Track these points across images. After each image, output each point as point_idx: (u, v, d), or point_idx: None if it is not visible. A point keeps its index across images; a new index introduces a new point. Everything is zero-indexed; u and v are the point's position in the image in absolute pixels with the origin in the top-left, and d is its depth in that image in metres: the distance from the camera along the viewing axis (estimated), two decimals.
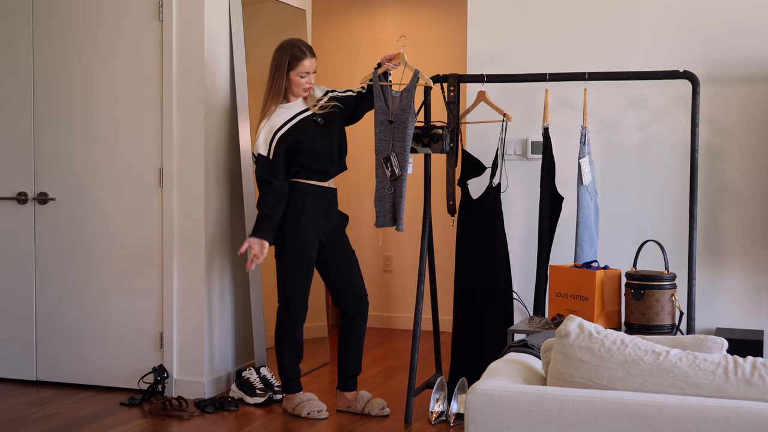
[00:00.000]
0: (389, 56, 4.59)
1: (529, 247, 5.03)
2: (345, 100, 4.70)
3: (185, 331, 5.00)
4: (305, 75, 4.56)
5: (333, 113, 4.65)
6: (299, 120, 4.57)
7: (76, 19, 5.10)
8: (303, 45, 4.60)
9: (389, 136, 4.53)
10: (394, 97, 4.53)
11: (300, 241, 4.55)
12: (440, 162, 5.88)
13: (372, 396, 4.74)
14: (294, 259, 4.57)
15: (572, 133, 4.84)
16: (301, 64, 4.54)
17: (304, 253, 4.57)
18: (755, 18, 4.78)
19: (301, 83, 4.57)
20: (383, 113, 4.55)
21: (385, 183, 4.57)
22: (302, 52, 4.55)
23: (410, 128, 4.49)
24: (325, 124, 4.61)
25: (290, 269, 4.59)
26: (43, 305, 5.23)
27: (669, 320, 4.26)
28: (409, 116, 4.49)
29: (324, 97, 4.68)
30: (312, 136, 4.55)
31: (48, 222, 5.21)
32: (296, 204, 4.56)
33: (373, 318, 7.06)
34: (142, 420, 4.60)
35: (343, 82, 5.79)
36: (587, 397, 2.44)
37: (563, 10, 5.08)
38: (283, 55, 4.56)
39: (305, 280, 4.61)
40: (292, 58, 4.54)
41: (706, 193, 4.86)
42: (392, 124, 4.53)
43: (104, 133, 5.08)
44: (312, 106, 4.61)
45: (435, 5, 6.86)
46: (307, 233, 4.55)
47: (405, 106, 4.50)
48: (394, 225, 4.57)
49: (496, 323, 4.76)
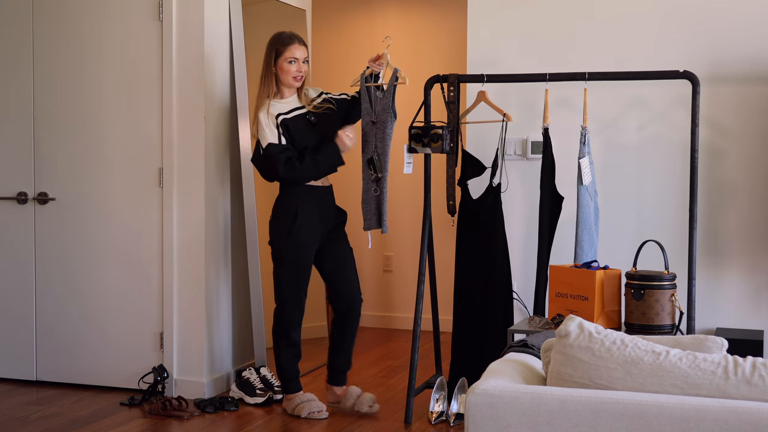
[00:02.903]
0: (373, 57, 4.60)
1: (529, 247, 5.03)
2: (339, 102, 4.70)
3: (185, 331, 5.00)
4: (294, 61, 4.56)
5: (327, 115, 4.65)
6: (294, 116, 4.57)
7: (76, 19, 5.09)
8: (290, 33, 4.64)
9: (372, 137, 4.55)
10: (378, 98, 4.55)
11: (295, 242, 4.55)
12: (440, 162, 5.88)
13: (362, 392, 4.76)
14: (290, 260, 4.57)
15: (572, 133, 4.84)
16: (288, 48, 4.56)
17: (300, 254, 4.57)
18: (755, 18, 4.78)
19: (290, 70, 4.56)
20: (368, 114, 4.57)
21: (370, 185, 4.59)
22: (289, 38, 4.59)
23: (389, 128, 4.51)
24: (318, 123, 4.61)
25: (286, 270, 4.59)
26: (43, 305, 5.23)
27: (669, 320, 4.25)
28: (388, 116, 4.50)
29: (318, 97, 4.69)
30: (305, 135, 4.56)
31: (48, 222, 5.21)
32: (290, 205, 4.55)
33: (373, 318, 7.06)
34: (142, 420, 4.60)
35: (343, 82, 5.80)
36: (587, 397, 2.44)
37: (563, 10, 5.08)
38: (271, 46, 4.61)
39: (301, 281, 4.62)
40: (279, 44, 4.58)
41: (706, 193, 4.86)
42: (375, 124, 4.54)
43: (104, 133, 5.08)
44: (307, 105, 4.62)
45: (435, 5, 6.86)
46: (301, 234, 4.55)
47: (384, 105, 4.52)
48: (379, 227, 4.59)
49: (496, 323, 4.76)
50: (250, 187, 5.13)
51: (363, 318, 7.00)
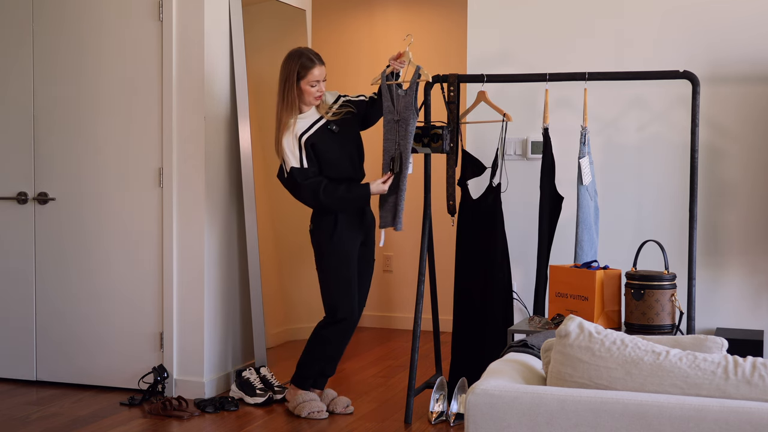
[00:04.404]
0: (394, 55, 4.59)
1: (529, 247, 5.02)
2: (357, 104, 4.69)
3: (185, 331, 5.00)
4: (315, 84, 4.52)
5: (347, 119, 4.63)
6: (315, 130, 4.54)
7: (76, 19, 5.09)
8: (311, 53, 4.55)
9: (395, 135, 4.53)
10: (400, 96, 4.54)
11: (338, 250, 4.54)
12: (440, 162, 5.88)
13: (338, 394, 4.78)
14: (335, 268, 4.56)
15: (572, 133, 4.84)
16: (311, 72, 4.50)
17: (344, 260, 4.56)
18: (755, 18, 4.78)
19: (312, 92, 4.53)
20: (390, 112, 4.55)
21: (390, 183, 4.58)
22: (311, 61, 4.51)
23: (412, 125, 4.50)
24: (341, 131, 4.59)
25: (332, 278, 4.57)
26: (43, 305, 5.23)
27: (669, 320, 4.25)
28: (411, 113, 4.49)
29: (336, 102, 4.66)
30: (329, 146, 4.54)
31: (48, 222, 5.21)
32: (328, 213, 4.55)
33: (373, 318, 7.07)
34: (142, 420, 4.60)
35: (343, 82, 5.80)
36: (587, 397, 2.44)
37: (563, 10, 5.08)
38: (292, 65, 4.51)
39: (349, 287, 4.58)
40: (301, 67, 4.49)
41: (706, 193, 4.86)
42: (398, 122, 4.53)
43: (104, 133, 5.08)
44: (325, 114, 4.59)
45: (435, 5, 6.86)
46: (343, 240, 4.54)
47: (407, 103, 4.50)
48: (393, 225, 4.58)
49: (496, 323, 4.76)
50: (250, 186, 5.12)
51: (363, 318, 7.02)
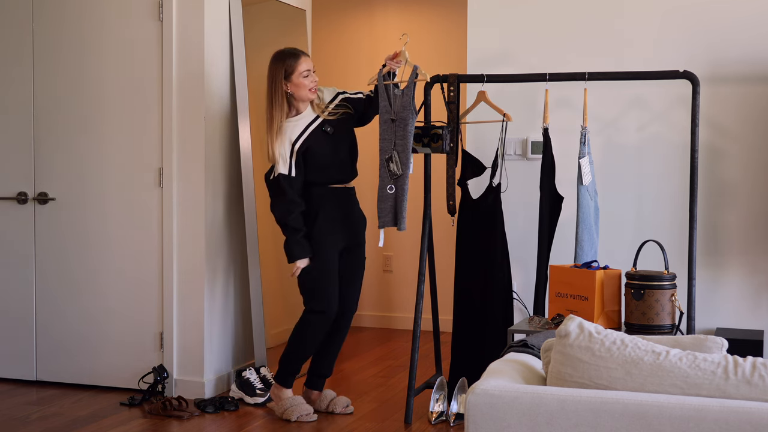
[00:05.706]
0: (391, 55, 4.59)
1: (529, 247, 5.02)
2: (356, 102, 4.69)
3: (185, 331, 5.00)
4: (307, 73, 4.54)
5: (343, 120, 4.64)
6: (310, 132, 4.54)
7: (76, 19, 5.09)
8: (291, 49, 4.60)
9: (392, 135, 4.53)
10: (397, 95, 4.53)
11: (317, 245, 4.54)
12: (440, 162, 5.88)
13: (336, 394, 4.77)
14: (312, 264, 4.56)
15: (572, 133, 4.84)
16: (298, 65, 4.52)
17: (323, 259, 4.56)
18: (755, 18, 4.78)
19: (306, 84, 4.53)
20: (387, 112, 4.55)
21: (386, 183, 4.57)
22: (294, 56, 4.54)
23: (411, 125, 4.49)
24: (335, 132, 4.59)
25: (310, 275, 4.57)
26: (43, 305, 5.23)
27: (669, 320, 4.25)
28: (409, 113, 4.48)
29: (333, 101, 4.66)
30: (323, 148, 4.54)
31: (48, 222, 5.21)
32: (310, 207, 4.55)
33: (373, 318, 7.07)
34: (142, 420, 4.60)
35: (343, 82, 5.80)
36: (587, 397, 2.44)
37: (563, 10, 5.08)
38: (276, 65, 4.54)
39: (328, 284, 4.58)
40: (287, 64, 4.52)
41: (706, 193, 4.86)
42: (394, 122, 4.53)
43: (104, 133, 5.08)
44: (321, 113, 4.60)
45: (435, 5, 6.86)
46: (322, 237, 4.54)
47: (405, 103, 4.50)
48: (395, 225, 4.57)
49: (496, 323, 4.76)
50: (250, 186, 5.12)
51: (363, 318, 7.04)
